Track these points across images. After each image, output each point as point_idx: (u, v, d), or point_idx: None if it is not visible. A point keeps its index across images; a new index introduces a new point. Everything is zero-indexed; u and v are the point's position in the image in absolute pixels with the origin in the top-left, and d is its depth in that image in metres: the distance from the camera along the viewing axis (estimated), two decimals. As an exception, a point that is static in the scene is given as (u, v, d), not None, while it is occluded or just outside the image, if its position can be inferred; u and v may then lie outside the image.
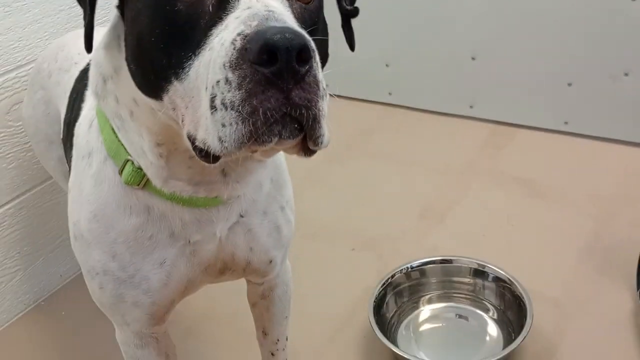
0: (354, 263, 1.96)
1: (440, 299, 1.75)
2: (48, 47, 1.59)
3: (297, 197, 1.20)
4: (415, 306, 1.74)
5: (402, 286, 1.74)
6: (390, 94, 2.83)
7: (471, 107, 2.66)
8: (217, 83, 0.66)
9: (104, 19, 1.87)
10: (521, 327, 1.53)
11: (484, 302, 1.72)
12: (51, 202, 1.93)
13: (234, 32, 0.66)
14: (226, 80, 0.65)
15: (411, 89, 2.78)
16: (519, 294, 1.61)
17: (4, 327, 1.88)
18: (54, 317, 1.91)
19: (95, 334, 1.81)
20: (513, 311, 1.64)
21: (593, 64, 2.33)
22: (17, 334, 1.86)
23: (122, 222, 0.93)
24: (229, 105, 0.65)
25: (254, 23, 0.65)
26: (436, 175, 2.34)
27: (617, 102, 2.33)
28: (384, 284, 1.69)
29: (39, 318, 1.92)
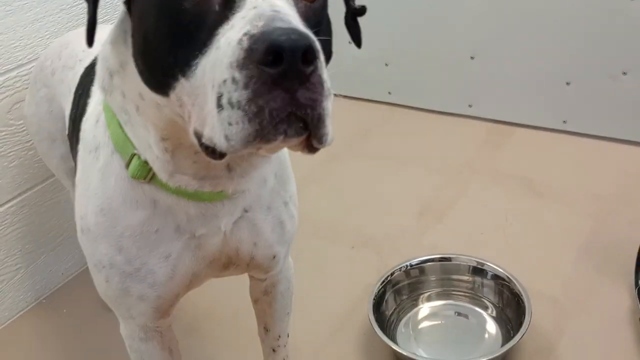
0: (353, 261, 1.97)
1: (439, 296, 1.76)
2: (50, 45, 1.59)
3: (297, 195, 1.20)
4: (414, 304, 1.75)
5: (402, 284, 1.75)
6: (389, 93, 2.84)
7: (470, 106, 2.67)
8: (224, 82, 0.67)
9: (105, 17, 1.88)
10: (520, 324, 1.53)
11: (483, 300, 1.72)
12: (53, 201, 1.94)
13: (240, 31, 0.67)
14: (233, 79, 0.66)
15: (410, 88, 2.78)
16: (517, 291, 1.62)
17: (5, 324, 1.89)
18: (55, 315, 1.92)
19: (96, 332, 1.82)
20: (512, 309, 1.64)
21: (592, 63, 2.33)
22: (19, 332, 1.87)
23: (128, 215, 0.94)
24: (236, 105, 0.66)
25: (260, 23, 0.66)
26: (435, 174, 2.35)
27: (616, 101, 2.34)
28: (383, 281, 1.70)
29: (41, 316, 1.92)
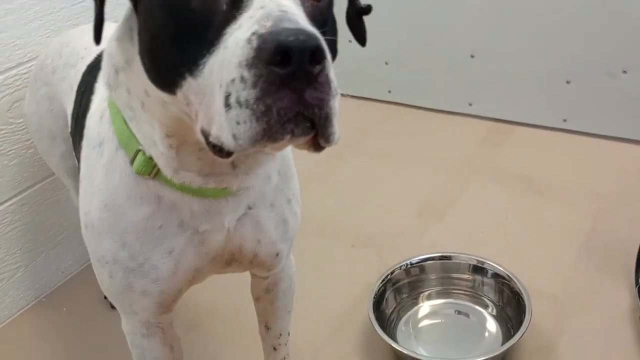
0: (353, 260, 1.97)
1: (440, 295, 1.76)
2: (51, 43, 1.59)
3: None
4: (414, 302, 1.75)
5: (402, 282, 1.75)
6: (389, 91, 2.84)
7: (470, 104, 2.66)
8: (232, 81, 0.67)
9: (105, 16, 1.88)
10: (520, 323, 1.53)
11: (483, 299, 1.72)
12: (52, 199, 1.94)
13: (248, 31, 0.67)
14: (241, 78, 0.66)
15: (410, 86, 2.78)
16: (518, 290, 1.62)
17: (5, 323, 1.88)
18: (55, 314, 1.92)
19: (96, 330, 1.82)
20: (512, 307, 1.64)
21: (592, 61, 2.33)
22: (19, 330, 1.87)
23: (132, 211, 0.95)
24: (244, 104, 0.66)
25: (268, 23, 0.66)
26: (435, 172, 2.35)
27: (616, 99, 2.34)
28: (383, 280, 1.70)
29: (41, 314, 1.92)
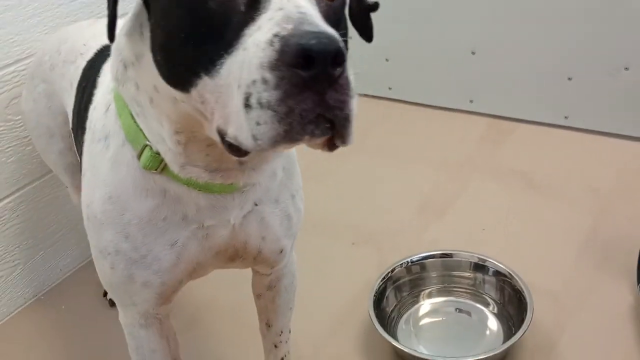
0: (354, 258, 1.96)
1: (441, 293, 1.75)
2: (48, 40, 1.58)
3: (299, 191, 1.20)
4: (415, 300, 1.74)
5: (402, 280, 1.74)
6: (390, 88, 2.83)
7: (471, 101, 2.66)
8: (253, 82, 0.67)
9: (104, 12, 1.87)
10: (521, 321, 1.53)
11: (484, 297, 1.72)
12: (51, 196, 1.93)
13: (269, 33, 0.67)
14: (263, 80, 0.66)
15: (411, 83, 2.77)
16: (519, 288, 1.61)
17: (3, 321, 1.88)
18: (53, 311, 1.91)
19: (95, 328, 1.82)
20: (513, 305, 1.64)
21: (593, 58, 2.33)
22: (17, 328, 1.86)
23: (137, 204, 0.95)
24: (266, 105, 0.66)
25: (289, 26, 0.66)
26: (436, 169, 2.34)
27: (618, 96, 2.33)
28: (384, 278, 1.69)
29: (39, 312, 1.91)
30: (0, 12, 1.66)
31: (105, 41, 1.30)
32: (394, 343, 1.52)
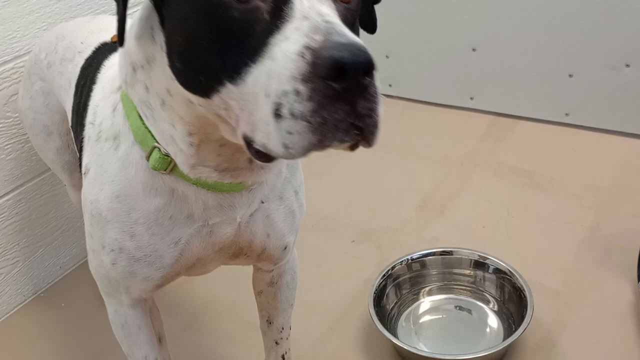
0: (354, 255, 1.96)
1: (441, 290, 1.75)
2: (44, 37, 1.58)
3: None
4: (415, 298, 1.74)
5: (403, 278, 1.74)
6: (390, 85, 2.82)
7: (472, 98, 2.65)
8: (285, 93, 0.67)
9: (103, 7, 1.87)
10: (521, 318, 1.53)
11: (484, 294, 1.71)
12: (50, 194, 1.92)
13: (298, 44, 0.67)
14: (296, 91, 0.67)
15: (411, 80, 2.77)
16: (519, 285, 1.61)
17: (3, 318, 1.88)
18: (53, 309, 1.91)
19: (95, 325, 1.81)
20: (513, 303, 1.63)
21: (594, 55, 2.32)
22: (17, 326, 1.86)
23: (145, 203, 0.95)
24: (299, 116, 0.67)
25: (319, 37, 0.67)
26: (436, 166, 2.33)
27: (619, 93, 2.32)
28: (384, 275, 1.69)
29: (39, 309, 1.91)
30: (-1, 9, 1.66)
31: (103, 38, 1.30)
32: (394, 340, 1.51)
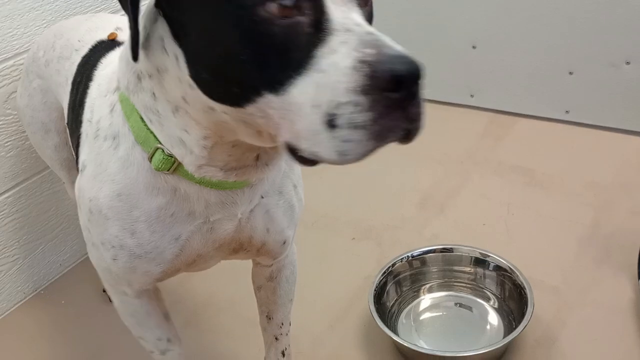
0: (354, 252, 1.96)
1: (441, 287, 1.75)
2: (42, 35, 1.58)
3: (298, 185, 1.20)
4: (415, 295, 1.74)
5: (403, 275, 1.74)
6: (390, 83, 2.82)
7: (472, 96, 2.65)
8: (341, 105, 0.70)
9: (102, 6, 1.87)
10: (522, 316, 1.53)
11: (485, 291, 1.71)
12: (50, 191, 1.92)
13: (349, 57, 0.69)
14: (355, 103, 0.69)
15: (411, 78, 2.76)
16: (519, 283, 1.61)
17: (3, 315, 1.88)
18: (53, 306, 1.91)
19: (95, 323, 1.82)
20: (514, 300, 1.63)
21: (594, 52, 2.32)
22: (17, 323, 1.86)
23: (147, 202, 0.96)
24: (360, 125, 0.70)
25: (371, 51, 0.69)
26: (436, 164, 2.33)
27: (619, 91, 2.32)
28: (384, 272, 1.69)
29: (39, 307, 1.91)
30: (-1, 6, 1.66)
31: (100, 36, 1.30)
32: (395, 337, 1.51)
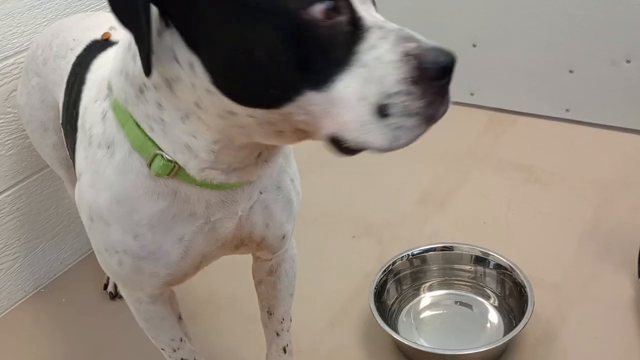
0: (354, 250, 1.96)
1: (441, 286, 1.75)
2: (41, 33, 1.58)
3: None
4: (416, 293, 1.74)
5: (403, 273, 1.74)
6: (390, 81, 2.82)
7: (472, 94, 2.65)
8: (391, 95, 0.76)
9: (103, 4, 1.86)
10: (522, 314, 1.52)
11: (485, 289, 1.71)
12: (51, 189, 1.92)
13: (394, 52, 0.76)
14: (407, 92, 0.76)
15: (412, 76, 2.76)
16: (520, 281, 1.61)
17: (4, 314, 1.88)
18: (54, 304, 1.91)
19: (95, 321, 1.82)
20: (514, 298, 1.63)
21: (595, 50, 2.32)
22: (17, 321, 1.86)
23: (147, 206, 0.96)
24: (414, 112, 0.77)
25: (412, 45, 0.76)
26: (437, 162, 2.33)
27: (619, 89, 2.32)
28: (384, 270, 1.69)
29: (39, 305, 1.92)
30: (-1, 4, 1.66)
31: (95, 35, 1.30)
32: (395, 336, 1.51)
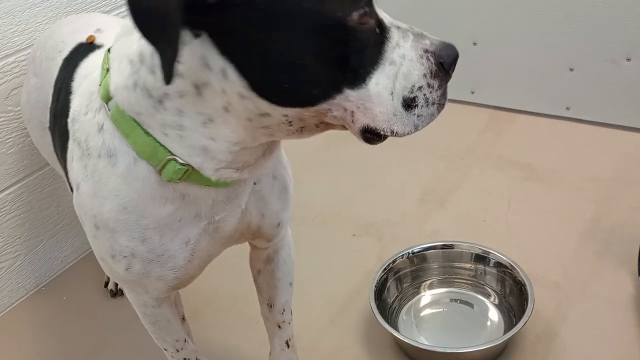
0: (354, 248, 1.96)
1: (442, 284, 1.75)
2: (42, 33, 1.58)
3: (297, 182, 1.20)
4: (416, 291, 1.74)
5: (404, 271, 1.74)
6: (391, 79, 2.82)
7: (472, 92, 2.65)
8: (415, 88, 0.86)
9: (103, 3, 1.86)
10: (522, 312, 1.53)
11: (485, 288, 1.71)
12: (51, 187, 1.93)
13: (415, 50, 0.86)
14: (429, 85, 0.87)
15: (412, 74, 2.76)
16: (520, 279, 1.61)
17: (4, 312, 1.88)
18: (54, 302, 1.91)
19: (96, 319, 1.82)
20: (514, 296, 1.63)
21: (595, 49, 2.31)
22: (18, 319, 1.86)
23: (155, 211, 0.96)
24: (434, 102, 0.88)
25: (427, 42, 0.88)
26: (437, 160, 2.33)
27: (620, 87, 2.32)
28: (385, 269, 1.69)
29: (40, 303, 1.92)
30: (0, 2, 1.66)
31: (80, 38, 1.30)
32: (395, 334, 1.52)
